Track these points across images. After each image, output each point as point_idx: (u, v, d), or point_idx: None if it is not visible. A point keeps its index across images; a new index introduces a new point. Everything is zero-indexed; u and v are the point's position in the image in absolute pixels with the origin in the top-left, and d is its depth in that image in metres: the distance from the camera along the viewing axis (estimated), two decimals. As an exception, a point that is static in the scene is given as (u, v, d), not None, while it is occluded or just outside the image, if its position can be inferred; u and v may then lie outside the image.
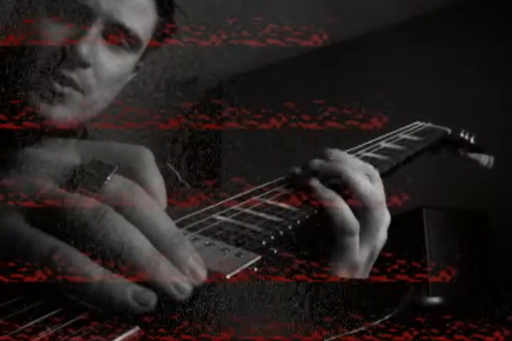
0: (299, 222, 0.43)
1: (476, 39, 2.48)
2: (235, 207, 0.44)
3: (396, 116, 0.86)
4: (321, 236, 0.51)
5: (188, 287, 0.29)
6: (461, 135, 0.89)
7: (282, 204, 0.46)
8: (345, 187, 0.52)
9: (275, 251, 0.36)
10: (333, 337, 0.29)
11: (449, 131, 0.85)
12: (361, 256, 0.53)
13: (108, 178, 0.30)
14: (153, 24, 0.70)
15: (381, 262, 0.53)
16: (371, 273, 0.54)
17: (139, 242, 0.28)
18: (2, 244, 0.27)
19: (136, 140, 0.47)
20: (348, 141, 0.69)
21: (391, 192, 0.57)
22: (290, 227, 0.42)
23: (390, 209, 0.56)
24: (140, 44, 0.68)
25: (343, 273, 0.51)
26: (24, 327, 0.25)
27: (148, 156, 0.33)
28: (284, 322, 0.30)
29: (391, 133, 0.73)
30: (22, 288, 0.27)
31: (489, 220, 2.07)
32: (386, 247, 0.56)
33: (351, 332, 0.29)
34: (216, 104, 3.09)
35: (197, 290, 0.29)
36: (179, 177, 0.77)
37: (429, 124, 0.83)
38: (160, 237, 0.29)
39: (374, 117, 0.77)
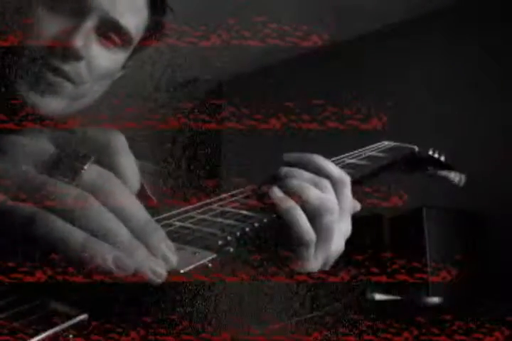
0: (256, 224, 0.44)
1: (476, 39, 2.48)
2: (192, 213, 0.44)
3: (396, 116, 0.86)
4: (279, 243, 0.50)
5: (163, 272, 0.30)
6: (430, 153, 0.89)
7: (241, 211, 0.46)
8: (295, 196, 0.51)
9: (231, 250, 0.37)
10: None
11: (416, 148, 0.86)
12: (315, 264, 0.52)
13: (85, 168, 0.31)
14: (144, 22, 0.70)
15: (381, 262, 0.53)
16: (372, 273, 0.54)
17: (117, 229, 0.29)
18: None
19: (136, 140, 0.47)
20: (348, 141, 0.69)
21: (391, 192, 0.57)
22: (247, 229, 0.42)
23: (390, 209, 0.56)
24: (131, 42, 0.68)
25: (293, 279, 0.51)
26: (18, 325, 0.25)
27: (120, 140, 0.34)
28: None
29: (356, 151, 0.74)
30: (17, 286, 0.27)
31: (489, 220, 2.07)
32: (386, 247, 0.56)
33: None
34: (216, 104, 3.09)
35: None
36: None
37: (396, 143, 0.84)
38: (134, 225, 0.30)
39: (374, 117, 0.78)
